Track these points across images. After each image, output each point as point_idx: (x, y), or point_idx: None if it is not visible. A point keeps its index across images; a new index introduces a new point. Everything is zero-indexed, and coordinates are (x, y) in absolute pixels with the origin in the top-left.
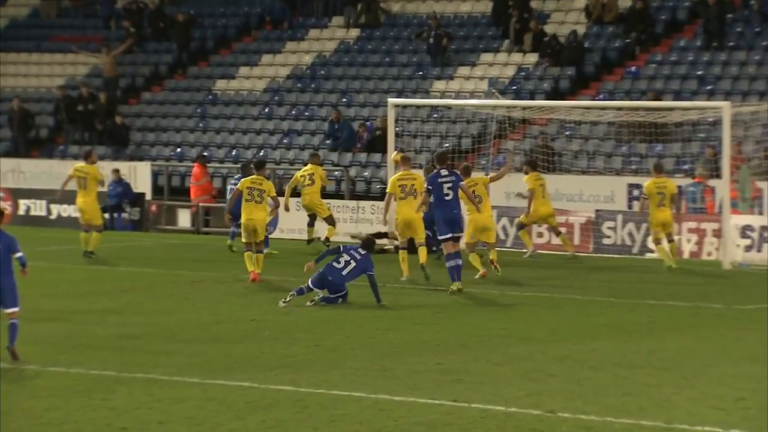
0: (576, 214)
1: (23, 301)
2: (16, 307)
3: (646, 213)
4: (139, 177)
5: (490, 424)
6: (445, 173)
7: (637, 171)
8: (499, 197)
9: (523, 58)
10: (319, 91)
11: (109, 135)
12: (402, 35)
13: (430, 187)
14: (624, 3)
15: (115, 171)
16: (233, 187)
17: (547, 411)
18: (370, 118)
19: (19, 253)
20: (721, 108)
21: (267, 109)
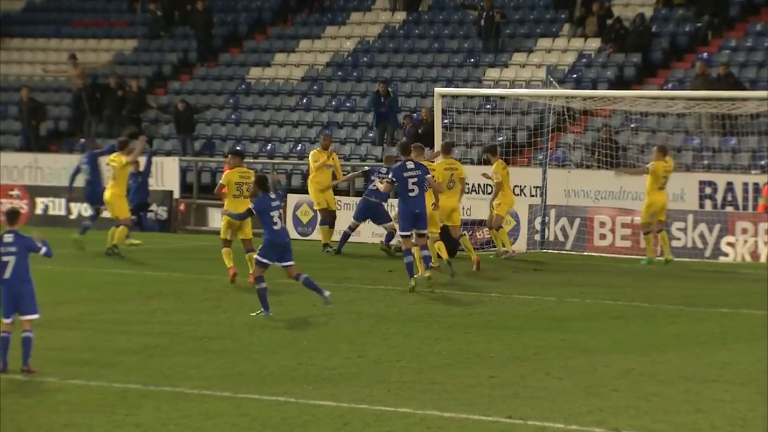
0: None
1: (41, 308)
2: (35, 314)
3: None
4: (167, 173)
5: None
6: (411, 166)
7: (709, 167)
8: (558, 196)
9: (585, 43)
10: (361, 79)
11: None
12: (452, 18)
13: (395, 180)
14: None
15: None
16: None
17: (611, 429)
18: (416, 109)
19: (43, 249)
20: None
21: (305, 100)
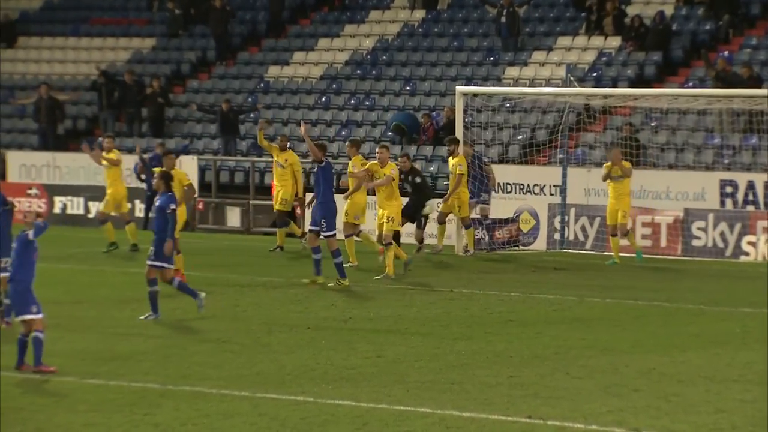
0: (662, 213)
1: (59, 308)
2: (28, 315)
3: None
4: (185, 172)
5: None
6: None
7: (730, 165)
8: (578, 195)
9: (605, 42)
10: (380, 78)
11: (155, 123)
12: (471, 17)
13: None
14: None
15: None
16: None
17: (631, 429)
18: (436, 108)
19: (30, 233)
20: None
21: (324, 98)
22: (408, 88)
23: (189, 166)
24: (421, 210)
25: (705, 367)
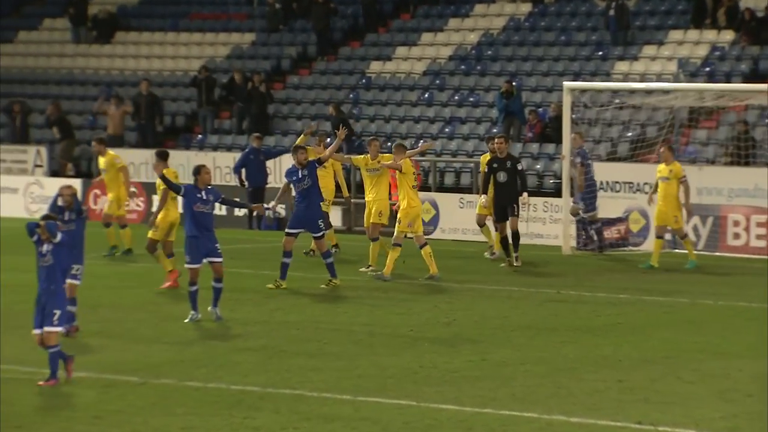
0: None
1: (152, 306)
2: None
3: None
4: (285, 170)
5: None
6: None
7: None
8: (691, 193)
9: (718, 35)
10: (485, 73)
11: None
12: (579, 10)
13: (287, 180)
14: None
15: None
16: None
17: None
18: (543, 104)
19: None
20: None
21: (427, 94)
22: (514, 84)
23: (289, 165)
24: (517, 199)
25: None
